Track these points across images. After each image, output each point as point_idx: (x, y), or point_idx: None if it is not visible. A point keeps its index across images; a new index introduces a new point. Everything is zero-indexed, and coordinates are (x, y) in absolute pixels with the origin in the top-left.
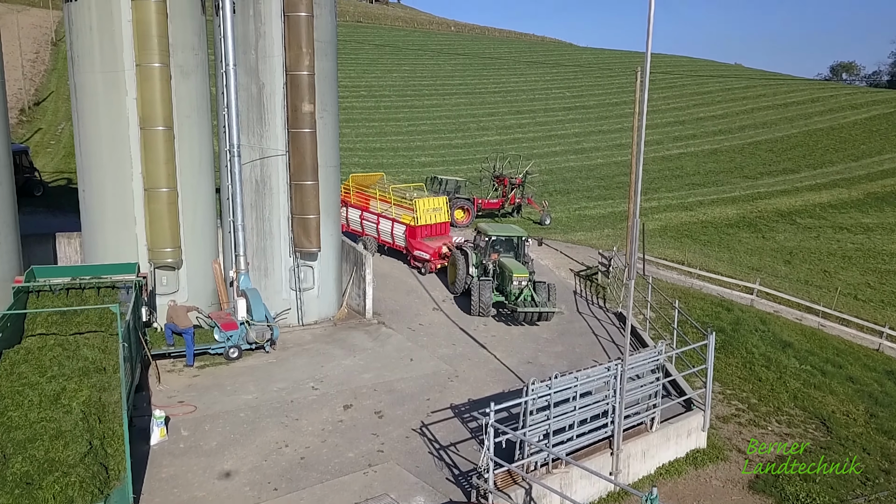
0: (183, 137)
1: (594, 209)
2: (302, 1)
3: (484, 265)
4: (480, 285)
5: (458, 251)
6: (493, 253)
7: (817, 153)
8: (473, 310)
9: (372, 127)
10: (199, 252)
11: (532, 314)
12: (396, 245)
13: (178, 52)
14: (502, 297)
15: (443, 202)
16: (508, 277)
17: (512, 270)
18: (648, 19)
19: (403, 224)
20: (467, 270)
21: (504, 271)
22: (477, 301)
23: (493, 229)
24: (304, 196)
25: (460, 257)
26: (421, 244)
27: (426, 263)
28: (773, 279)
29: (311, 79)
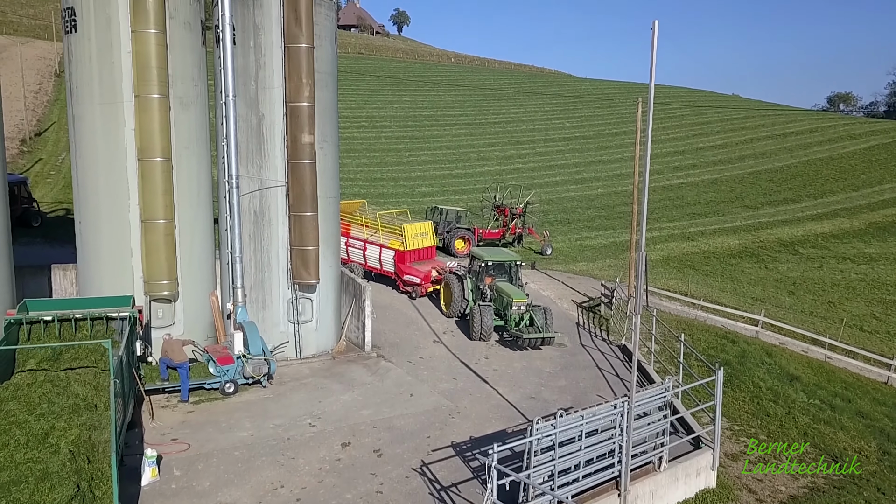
0: (181, 168)
1: (595, 239)
2: (302, 32)
3: (481, 290)
4: (481, 310)
5: (452, 276)
6: (488, 277)
7: (817, 183)
8: (474, 335)
9: (373, 157)
10: (196, 284)
11: (536, 339)
12: (384, 271)
13: (177, 83)
14: (501, 321)
15: (429, 227)
16: (508, 303)
17: (511, 296)
18: (652, 51)
19: (392, 249)
20: (463, 295)
21: (502, 296)
22: (479, 326)
23: (488, 254)
24: (304, 227)
25: (455, 282)
26: (411, 269)
27: (416, 287)
28: (778, 310)
29: (312, 110)
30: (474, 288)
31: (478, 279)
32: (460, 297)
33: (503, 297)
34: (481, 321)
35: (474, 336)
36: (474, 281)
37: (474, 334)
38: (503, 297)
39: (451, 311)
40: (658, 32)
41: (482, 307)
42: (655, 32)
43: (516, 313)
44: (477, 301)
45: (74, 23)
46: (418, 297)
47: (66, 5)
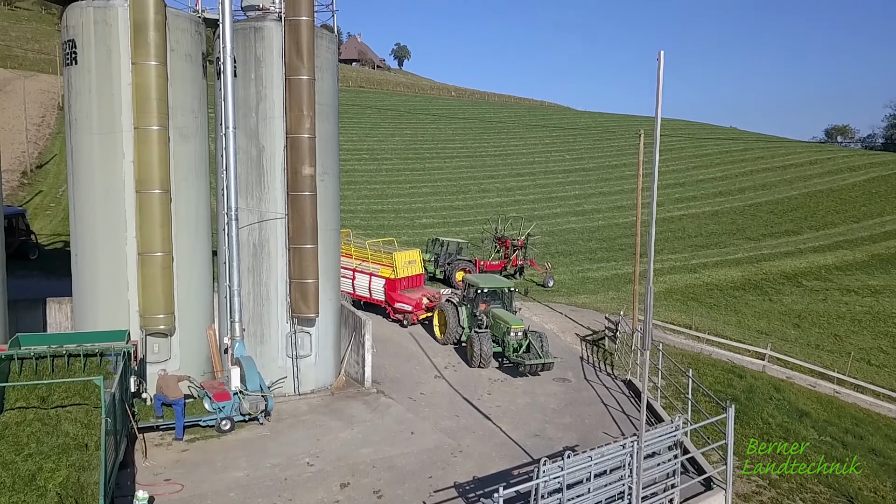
0: (180, 200)
1: (597, 271)
2: (304, 64)
3: (477, 317)
4: (480, 337)
5: (447, 304)
6: (483, 303)
7: (819, 215)
8: (474, 362)
9: (374, 189)
10: (193, 318)
11: (536, 366)
12: (373, 299)
13: (177, 115)
14: (498, 347)
15: (417, 255)
16: (505, 329)
17: (509, 322)
18: (658, 81)
19: (382, 278)
20: (458, 322)
21: (499, 323)
22: (478, 353)
23: (482, 280)
24: (303, 260)
25: (450, 309)
26: (402, 297)
27: (408, 315)
28: (784, 343)
29: (312, 141)
30: (470, 315)
31: (473, 306)
32: (456, 324)
33: (500, 323)
34: (480, 348)
35: (473, 363)
36: (470, 308)
37: (473, 361)
38: (500, 323)
39: (447, 338)
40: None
41: (480, 334)
42: (661, 63)
43: (514, 339)
44: (473, 328)
45: (75, 55)
46: (410, 325)
47: (66, 37)
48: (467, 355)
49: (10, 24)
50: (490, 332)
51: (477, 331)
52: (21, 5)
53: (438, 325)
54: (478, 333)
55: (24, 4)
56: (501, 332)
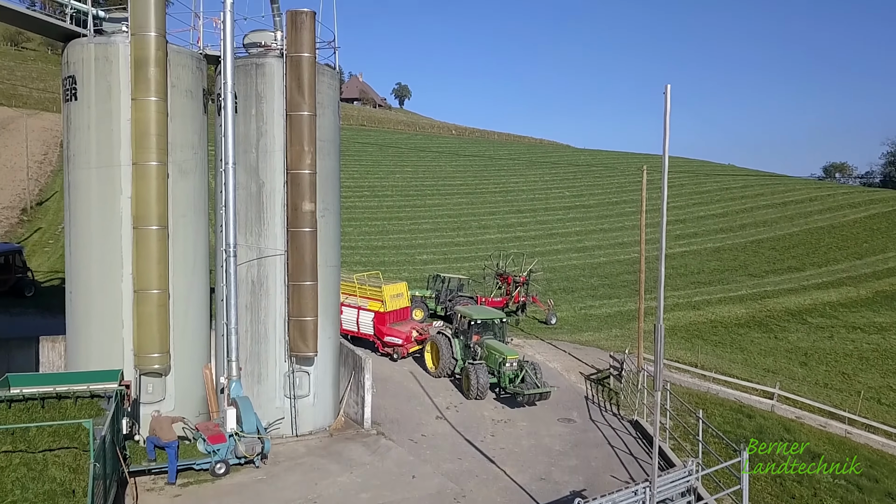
0: (177, 237)
1: (600, 308)
2: (305, 100)
3: (472, 348)
4: (476, 369)
5: (440, 336)
6: (475, 334)
7: (820, 251)
8: (471, 394)
9: (374, 226)
10: (189, 357)
11: (534, 395)
12: (361, 333)
13: (177, 150)
14: (494, 378)
15: (404, 287)
16: (501, 360)
17: (504, 353)
18: (665, 115)
19: (371, 311)
20: (452, 354)
21: (493, 354)
22: (475, 385)
23: (474, 312)
24: (302, 297)
25: (443, 342)
26: (392, 330)
27: (398, 349)
28: (791, 382)
29: (313, 177)
30: (463, 347)
31: (466, 338)
32: (449, 356)
33: (495, 354)
34: (477, 380)
35: (470, 395)
36: (463, 340)
37: (470, 393)
38: (495, 354)
39: (440, 370)
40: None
41: (476, 366)
42: (668, 97)
43: (510, 370)
44: (467, 360)
45: (75, 91)
46: (400, 358)
47: (66, 74)
48: (463, 387)
49: (17, 64)
50: (485, 364)
51: (472, 362)
52: (28, 46)
53: (431, 358)
54: (473, 365)
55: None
56: (497, 363)
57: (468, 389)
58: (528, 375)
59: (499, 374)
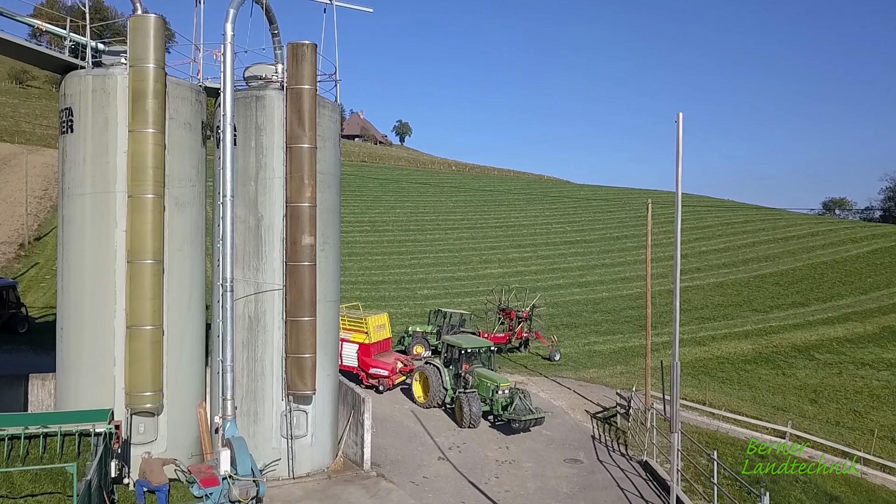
0: (173, 271)
1: (604, 344)
2: (305, 133)
3: (464, 377)
4: (469, 397)
5: (429, 367)
6: (465, 363)
7: (825, 286)
8: (464, 422)
9: (375, 260)
10: (183, 395)
11: (530, 421)
12: (344, 366)
13: (174, 183)
14: (486, 406)
15: (386, 318)
16: (493, 388)
17: (496, 381)
18: (677, 143)
19: (355, 343)
20: (441, 384)
21: (485, 382)
22: (468, 413)
23: (463, 341)
24: (301, 333)
25: (433, 372)
26: (377, 361)
27: (384, 380)
28: (802, 420)
29: (313, 210)
30: (455, 376)
31: (457, 367)
32: (439, 386)
33: (487, 382)
34: (470, 408)
35: (464, 424)
36: (452, 369)
37: (464, 422)
38: (487, 382)
39: (430, 401)
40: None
41: (469, 395)
42: (680, 126)
43: (503, 397)
44: (457, 389)
45: (71, 123)
46: (386, 390)
47: (63, 105)
48: (456, 416)
49: (21, 101)
50: (477, 392)
51: (464, 391)
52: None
53: (420, 389)
54: (465, 394)
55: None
56: (489, 390)
57: (461, 419)
58: (519, 402)
59: (491, 402)
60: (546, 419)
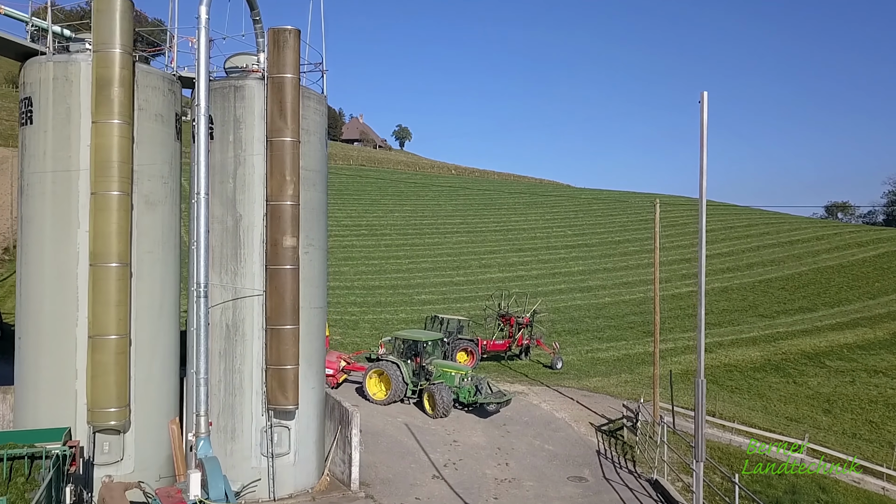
0: (142, 276)
1: (607, 351)
2: (287, 126)
3: (426, 369)
4: (439, 389)
5: (388, 364)
6: (416, 357)
7: (831, 291)
8: (438, 412)
9: (371, 265)
10: (152, 411)
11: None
12: None
13: (143, 180)
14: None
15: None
16: (460, 377)
17: (459, 370)
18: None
19: None
20: (402, 379)
21: (448, 372)
22: (441, 403)
23: (421, 335)
24: (282, 343)
25: (392, 368)
26: None
27: (329, 379)
28: (817, 432)
29: (296, 209)
30: (417, 370)
31: (421, 360)
32: (400, 381)
33: (450, 372)
34: (442, 398)
35: (438, 414)
36: (410, 364)
37: (438, 412)
38: (450, 372)
39: (390, 397)
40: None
41: (438, 386)
42: (705, 105)
43: (469, 385)
44: (419, 382)
45: (31, 114)
46: (331, 388)
47: (23, 95)
48: (426, 408)
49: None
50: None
51: (433, 383)
52: None
53: (375, 386)
54: (436, 385)
55: None
56: (454, 380)
57: (434, 408)
58: (482, 387)
59: (458, 390)
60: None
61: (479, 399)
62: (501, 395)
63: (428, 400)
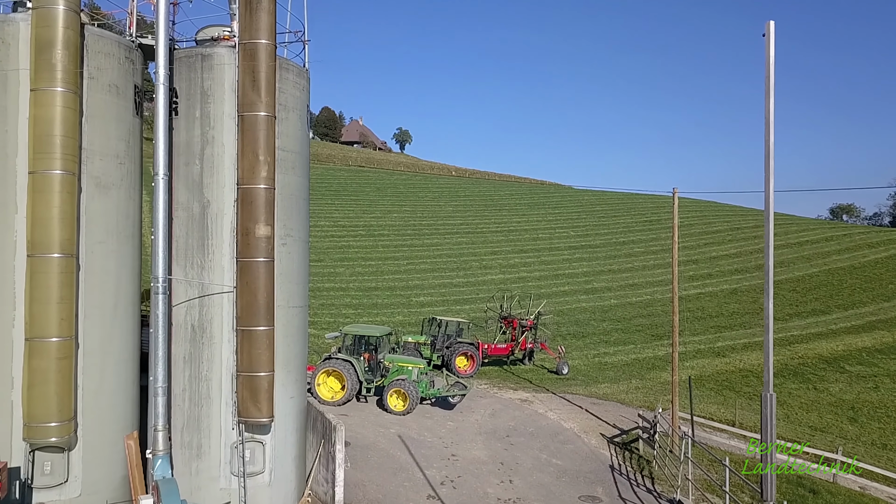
0: (93, 269)
1: (615, 355)
2: (261, 99)
3: (382, 365)
4: (408, 385)
5: (340, 362)
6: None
7: (844, 293)
8: (411, 407)
9: (368, 266)
10: (104, 425)
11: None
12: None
13: (94, 159)
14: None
15: None
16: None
17: (416, 364)
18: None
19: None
20: (357, 377)
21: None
22: (413, 399)
23: (372, 330)
24: (255, 346)
25: (346, 367)
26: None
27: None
28: (844, 443)
29: (270, 194)
30: (372, 367)
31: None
32: (355, 380)
33: (407, 367)
34: (413, 394)
35: (408, 409)
36: (362, 361)
37: (411, 407)
38: (407, 367)
39: (346, 397)
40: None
41: (405, 382)
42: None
43: (427, 378)
44: (373, 380)
45: None
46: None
47: None
48: (393, 405)
49: None
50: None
51: (400, 379)
52: None
53: (327, 387)
54: (402, 381)
55: None
56: (412, 374)
57: (405, 404)
58: (443, 379)
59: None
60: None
61: (440, 392)
62: (463, 386)
63: (397, 396)
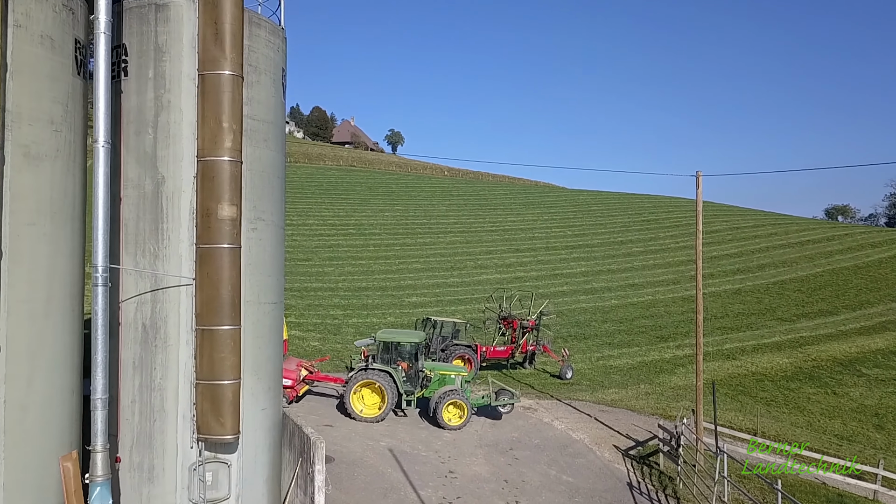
0: (20, 258)
1: (619, 358)
2: (225, 56)
3: (421, 375)
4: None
5: (377, 373)
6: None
7: (850, 293)
8: (467, 423)
9: (358, 265)
10: (34, 445)
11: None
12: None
13: (22, 124)
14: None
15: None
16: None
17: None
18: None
19: None
20: (397, 388)
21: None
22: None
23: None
24: (217, 349)
25: (385, 378)
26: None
27: (287, 391)
28: (875, 452)
29: (236, 168)
30: (412, 376)
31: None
32: (395, 392)
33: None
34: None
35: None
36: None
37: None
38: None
39: (384, 412)
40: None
41: (459, 393)
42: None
43: (468, 387)
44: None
45: None
46: (290, 403)
47: None
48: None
49: None
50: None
51: (452, 390)
52: None
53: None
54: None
55: None
56: (455, 383)
57: (461, 418)
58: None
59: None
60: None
61: (488, 401)
62: (508, 393)
63: (454, 409)
